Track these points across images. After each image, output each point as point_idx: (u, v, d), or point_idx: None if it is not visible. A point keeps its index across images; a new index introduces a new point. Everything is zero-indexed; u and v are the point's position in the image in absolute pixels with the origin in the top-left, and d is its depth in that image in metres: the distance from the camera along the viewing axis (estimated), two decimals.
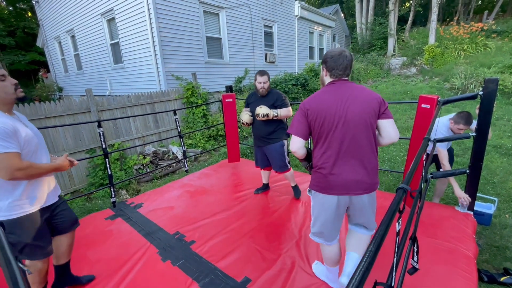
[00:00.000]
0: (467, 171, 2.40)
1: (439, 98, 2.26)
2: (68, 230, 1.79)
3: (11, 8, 17.67)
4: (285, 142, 2.84)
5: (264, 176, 3.21)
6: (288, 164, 2.88)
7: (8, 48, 16.01)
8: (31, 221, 1.56)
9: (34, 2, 11.44)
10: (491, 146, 4.73)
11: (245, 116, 2.83)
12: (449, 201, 3.27)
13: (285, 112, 2.70)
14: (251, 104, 2.84)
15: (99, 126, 2.67)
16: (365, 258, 0.55)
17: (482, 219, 2.70)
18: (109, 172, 2.83)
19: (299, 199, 3.00)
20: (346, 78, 1.46)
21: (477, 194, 2.50)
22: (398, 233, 0.78)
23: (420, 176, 2.05)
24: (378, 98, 1.42)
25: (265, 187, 3.26)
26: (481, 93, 2.18)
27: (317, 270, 1.91)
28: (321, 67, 1.53)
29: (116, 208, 3.02)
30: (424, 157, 1.85)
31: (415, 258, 1.36)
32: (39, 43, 13.01)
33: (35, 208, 1.57)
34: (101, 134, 2.67)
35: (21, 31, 16.61)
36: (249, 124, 2.88)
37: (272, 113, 2.64)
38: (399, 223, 0.77)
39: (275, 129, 2.76)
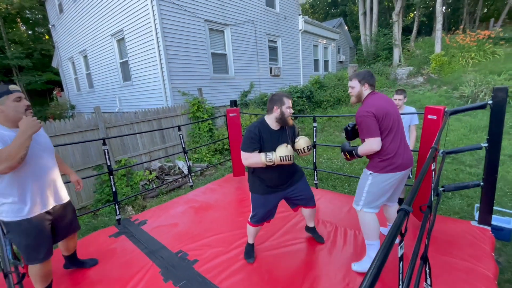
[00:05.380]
0: (481, 183, 2.28)
1: (446, 109, 2.19)
2: (69, 235, 2.00)
3: (30, 32, 18.74)
4: None
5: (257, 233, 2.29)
6: None
7: (26, 69, 16.84)
8: (28, 227, 1.65)
9: (50, 26, 12.11)
10: (507, 155, 4.54)
11: (285, 150, 1.92)
12: (464, 215, 3.11)
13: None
14: (266, 141, 1.98)
15: (104, 143, 2.70)
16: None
17: (501, 234, 2.54)
18: (114, 190, 2.83)
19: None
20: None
21: (494, 208, 2.36)
22: (401, 258, 0.72)
23: (429, 189, 1.96)
24: None
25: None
26: (490, 102, 2.11)
27: (360, 267, 1.98)
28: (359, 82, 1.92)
29: (120, 225, 3.01)
30: (432, 167, 1.77)
31: (428, 281, 1.26)
32: (54, 64, 13.64)
33: (34, 213, 1.66)
34: (106, 152, 2.70)
35: (38, 53, 17.48)
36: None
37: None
38: (401, 247, 0.71)
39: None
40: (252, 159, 1.95)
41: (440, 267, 1.93)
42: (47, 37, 18.81)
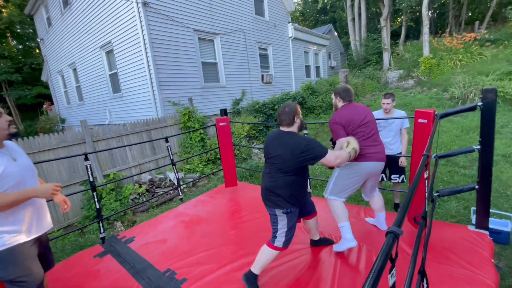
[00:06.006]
0: (476, 186, 2.22)
1: (436, 112, 2.15)
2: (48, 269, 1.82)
3: (20, 47, 18.57)
4: None
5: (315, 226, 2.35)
6: None
7: (16, 83, 16.61)
8: (17, 255, 1.51)
9: (39, 40, 12.01)
10: (500, 155, 4.53)
11: (355, 142, 2.08)
12: (461, 218, 3.05)
13: None
14: None
15: (86, 159, 2.59)
16: None
17: (499, 237, 2.47)
18: (97, 207, 2.70)
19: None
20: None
21: (491, 210, 2.30)
22: (393, 287, 0.64)
23: (423, 197, 1.89)
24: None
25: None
26: (480, 104, 2.07)
27: (339, 247, 2.20)
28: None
29: (106, 244, 2.86)
30: (425, 175, 1.70)
31: None
32: (43, 78, 13.49)
33: (27, 238, 1.54)
34: (89, 167, 2.58)
35: (28, 67, 17.30)
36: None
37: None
38: (392, 274, 0.63)
39: None
40: (341, 154, 1.94)
41: (439, 277, 1.84)
42: (37, 51, 18.66)
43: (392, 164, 3.24)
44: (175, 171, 3.50)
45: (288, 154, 1.84)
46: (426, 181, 1.46)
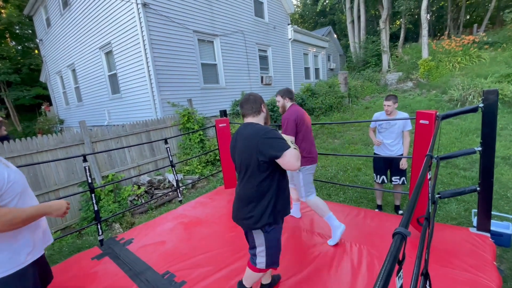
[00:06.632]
0: (478, 188, 2.21)
1: (437, 113, 2.14)
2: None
3: (19, 47, 18.53)
4: None
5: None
6: None
7: (14, 84, 16.55)
8: (27, 277, 1.32)
9: (38, 41, 11.98)
10: (499, 157, 4.53)
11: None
12: (462, 221, 3.03)
13: None
14: None
15: (85, 160, 2.56)
16: None
17: (500, 240, 2.46)
18: (95, 208, 2.67)
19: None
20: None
21: (492, 213, 2.28)
22: None
23: (426, 198, 1.87)
24: None
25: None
26: (481, 105, 2.06)
27: (334, 239, 2.40)
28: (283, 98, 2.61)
29: (104, 246, 2.83)
30: (428, 176, 1.69)
31: None
32: (42, 78, 13.44)
33: (33, 258, 1.35)
34: (87, 169, 2.55)
35: (27, 67, 17.25)
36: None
37: None
38: (399, 277, 0.61)
39: None
40: (299, 154, 1.48)
41: (442, 280, 1.82)
42: (36, 51, 18.63)
43: (393, 166, 3.23)
44: (174, 173, 3.48)
45: (249, 148, 1.52)
46: (430, 182, 1.44)
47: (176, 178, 3.49)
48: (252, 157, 1.51)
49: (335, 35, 21.57)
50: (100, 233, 2.79)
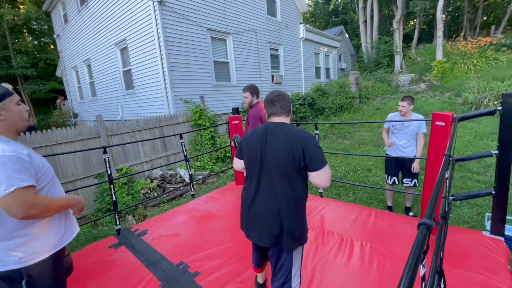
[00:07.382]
0: (493, 192, 2.20)
1: (454, 115, 2.13)
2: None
3: (36, 42, 19.07)
4: None
5: None
6: None
7: (31, 78, 17.06)
8: (58, 260, 1.38)
9: (55, 36, 12.31)
10: None
11: None
12: (474, 225, 3.01)
13: None
14: None
15: (105, 152, 2.66)
16: None
17: None
18: (114, 199, 2.77)
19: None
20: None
21: (507, 217, 2.27)
22: (423, 278, 0.66)
23: (440, 198, 1.88)
24: None
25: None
26: (499, 108, 2.05)
27: None
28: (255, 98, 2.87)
29: (120, 235, 2.93)
30: (446, 175, 1.70)
31: None
32: (58, 73, 13.82)
33: (53, 250, 1.36)
34: (107, 160, 2.65)
35: (43, 62, 17.74)
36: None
37: None
38: (423, 265, 0.65)
39: None
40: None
41: (455, 282, 1.83)
42: (52, 47, 19.13)
43: (405, 167, 3.23)
44: (188, 167, 3.56)
45: (289, 148, 1.34)
46: (447, 181, 1.46)
47: (190, 173, 3.57)
48: (289, 158, 1.34)
49: (347, 35, 21.34)
50: (117, 223, 2.89)
